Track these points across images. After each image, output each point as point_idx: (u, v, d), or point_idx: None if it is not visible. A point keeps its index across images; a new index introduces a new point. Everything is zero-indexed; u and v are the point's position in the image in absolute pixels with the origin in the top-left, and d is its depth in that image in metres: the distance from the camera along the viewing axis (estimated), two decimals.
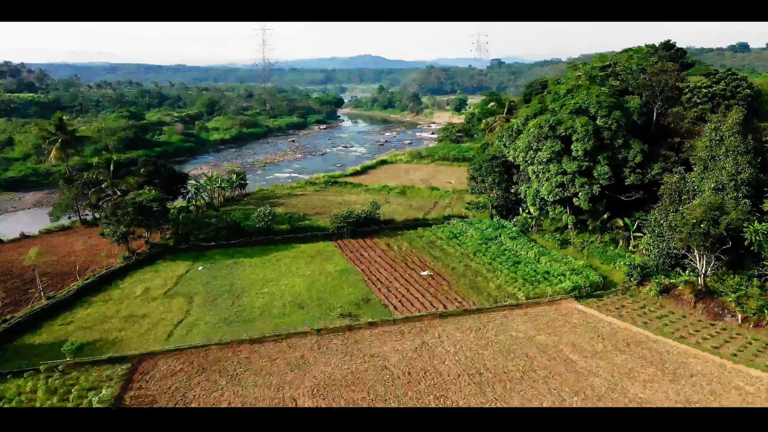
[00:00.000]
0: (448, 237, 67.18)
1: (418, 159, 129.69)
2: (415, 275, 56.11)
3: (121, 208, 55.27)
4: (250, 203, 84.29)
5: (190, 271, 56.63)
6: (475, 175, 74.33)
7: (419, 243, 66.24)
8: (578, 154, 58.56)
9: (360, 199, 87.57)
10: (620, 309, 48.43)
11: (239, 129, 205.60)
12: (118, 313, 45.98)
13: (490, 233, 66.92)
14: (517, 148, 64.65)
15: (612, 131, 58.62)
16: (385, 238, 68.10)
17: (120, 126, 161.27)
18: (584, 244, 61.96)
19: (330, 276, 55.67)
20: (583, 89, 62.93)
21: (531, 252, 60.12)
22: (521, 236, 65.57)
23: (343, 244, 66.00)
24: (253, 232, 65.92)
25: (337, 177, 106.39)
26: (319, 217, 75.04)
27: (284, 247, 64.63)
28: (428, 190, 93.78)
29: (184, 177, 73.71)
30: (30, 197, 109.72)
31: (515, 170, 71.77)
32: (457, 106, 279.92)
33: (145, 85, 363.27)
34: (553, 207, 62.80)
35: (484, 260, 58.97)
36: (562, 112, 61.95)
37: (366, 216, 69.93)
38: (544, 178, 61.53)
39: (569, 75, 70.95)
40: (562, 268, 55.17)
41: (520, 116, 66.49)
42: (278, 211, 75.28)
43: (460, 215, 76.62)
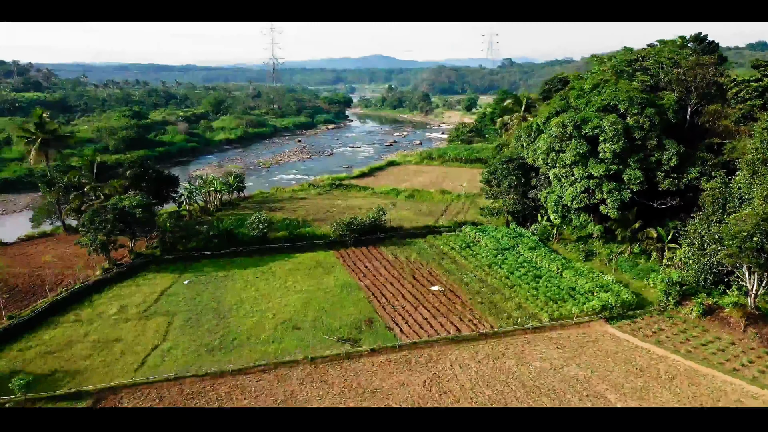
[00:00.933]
0: (461, 246, 61.36)
1: (428, 160, 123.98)
2: (425, 291, 50.36)
3: (100, 215, 50.05)
4: (248, 207, 78.98)
5: (174, 284, 51.25)
6: (490, 178, 68.41)
7: (429, 253, 60.46)
8: (606, 156, 52.52)
9: (366, 203, 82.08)
10: (658, 333, 42.37)
11: (245, 129, 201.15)
12: (87, 337, 40.60)
13: (506, 242, 61.00)
14: (537, 149, 58.69)
15: (644, 131, 52.50)
16: (392, 248, 62.37)
17: (121, 125, 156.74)
18: (612, 256, 55.89)
19: (330, 291, 50.10)
20: (611, 84, 56.88)
21: (553, 265, 54.13)
22: (541, 246, 59.57)
23: (346, 254, 60.39)
24: (248, 241, 60.49)
25: (342, 179, 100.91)
26: (321, 224, 69.58)
27: (281, 257, 59.11)
28: (439, 194, 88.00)
29: (175, 180, 68.49)
30: (24, 199, 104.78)
31: (534, 173, 65.78)
32: (468, 105, 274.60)
33: (153, 84, 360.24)
34: (576, 215, 56.80)
35: (500, 274, 53.10)
36: (587, 109, 55.94)
37: (371, 223, 64.31)
38: (568, 182, 55.54)
39: (594, 69, 64.85)
40: (589, 284, 49.15)
41: (541, 114, 60.54)
42: (277, 217, 69.93)
43: (473, 222, 70.76)
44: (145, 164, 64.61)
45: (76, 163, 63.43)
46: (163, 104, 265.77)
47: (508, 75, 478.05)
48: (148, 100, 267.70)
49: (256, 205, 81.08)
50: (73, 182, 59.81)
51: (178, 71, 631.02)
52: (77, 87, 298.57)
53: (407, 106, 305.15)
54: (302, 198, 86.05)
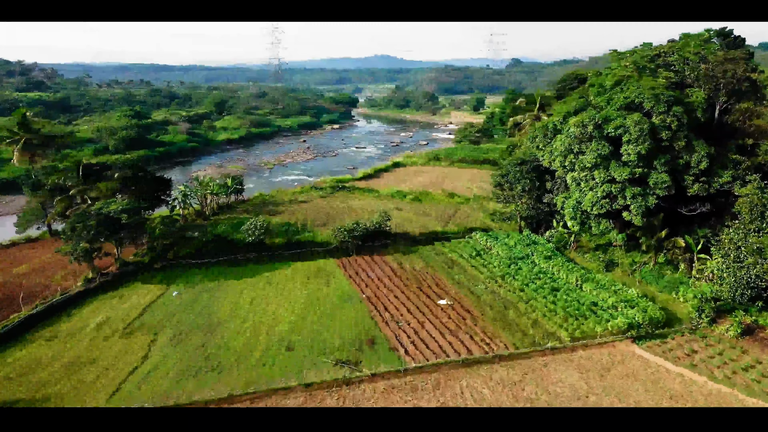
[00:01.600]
0: (470, 254, 57.26)
1: (434, 161, 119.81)
2: (432, 304, 46.31)
3: (82, 220, 46.28)
4: (247, 211, 75.12)
5: (163, 296, 47.43)
6: (502, 181, 64.29)
7: (436, 261, 56.39)
8: (630, 159, 48.28)
9: (370, 206, 78.07)
10: (691, 356, 38.16)
11: (247, 129, 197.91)
12: (61, 357, 36.79)
13: (519, 251, 56.87)
14: (553, 150, 54.51)
15: (671, 131, 48.22)
16: (396, 255, 58.35)
17: (122, 125, 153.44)
18: (635, 267, 51.70)
19: (329, 303, 46.14)
20: (634, 81, 52.60)
21: (571, 276, 49.94)
22: (557, 255, 55.40)
23: (347, 262, 56.42)
24: (243, 247, 56.59)
25: (345, 181, 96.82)
26: (323, 228, 65.58)
27: (279, 264, 55.20)
28: (446, 197, 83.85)
29: (167, 182, 64.62)
30: (20, 201, 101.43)
31: (549, 176, 61.60)
32: (475, 105, 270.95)
33: (155, 84, 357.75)
34: (597, 221, 52.56)
35: (514, 285, 49.00)
36: (608, 108, 51.69)
37: (374, 228, 60.29)
38: (587, 187, 51.35)
39: (612, 65, 60.56)
40: (612, 298, 44.93)
41: (557, 113, 56.32)
42: (275, 222, 65.96)
43: (483, 228, 66.65)
44: (136, 166, 60.78)
45: (63, 165, 59.53)
46: (166, 104, 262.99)
47: (515, 75, 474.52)
48: (151, 100, 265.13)
49: (255, 208, 77.18)
50: (59, 185, 56.07)
51: (178, 71, 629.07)
52: (80, 87, 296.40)
53: (413, 106, 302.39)
54: (303, 201, 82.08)
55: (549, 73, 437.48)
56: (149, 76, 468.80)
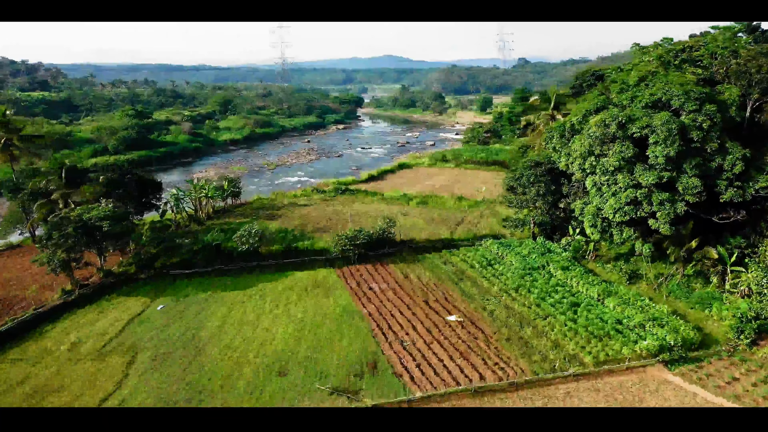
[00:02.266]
0: (481, 264, 53.15)
1: (441, 162, 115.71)
2: (440, 321, 42.26)
3: (59, 228, 42.59)
4: (243, 215, 71.41)
5: (147, 310, 43.66)
6: (514, 185, 60.09)
7: (445, 272, 52.33)
8: (657, 162, 43.99)
9: (374, 210, 74.17)
10: (733, 384, 33.92)
11: (251, 129, 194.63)
12: (24, 383, 33.05)
13: (534, 260, 52.74)
14: (571, 152, 50.28)
15: (703, 131, 43.92)
16: (402, 265, 54.33)
17: (122, 125, 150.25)
18: (661, 279, 47.45)
19: (327, 320, 42.18)
20: (661, 76, 48.34)
21: (592, 289, 45.74)
22: (575, 265, 51.21)
23: (349, 273, 52.46)
24: (237, 257, 52.75)
25: (348, 184, 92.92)
26: (323, 235, 61.72)
27: (274, 275, 51.32)
28: (454, 200, 79.73)
29: (157, 185, 60.92)
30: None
31: (565, 180, 57.37)
32: (482, 105, 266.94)
33: (161, 84, 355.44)
34: (619, 230, 48.26)
35: (530, 300, 44.88)
36: (633, 106, 47.47)
37: (378, 236, 56.32)
38: (609, 192, 47.07)
39: (635, 60, 56.24)
40: (639, 315, 40.69)
41: (576, 112, 52.03)
42: (273, 227, 62.18)
43: (494, 234, 62.50)
44: (123, 168, 57.00)
45: (44, 167, 55.91)
46: (170, 104, 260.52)
47: (522, 75, 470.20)
48: (156, 100, 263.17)
49: (253, 212, 73.51)
50: (40, 189, 52.45)
51: (188, 71, 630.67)
52: (84, 86, 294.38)
53: (420, 106, 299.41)
54: (304, 204, 78.26)
55: (557, 72, 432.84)
56: (159, 76, 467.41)
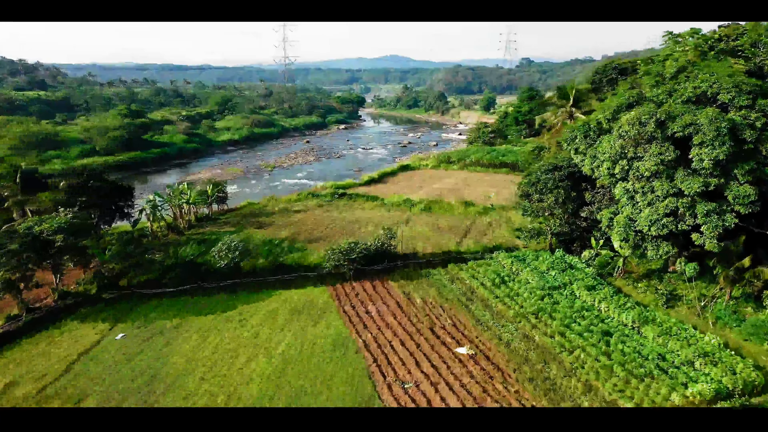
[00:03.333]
0: (494, 282, 46.66)
1: (446, 164, 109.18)
2: (449, 355, 35.78)
3: (2, 244, 36.33)
4: (230, 223, 65.10)
5: (104, 340, 37.35)
6: (530, 191, 53.58)
7: (452, 291, 45.84)
8: (703, 166, 37.47)
9: (374, 217, 67.79)
10: None
11: (250, 129, 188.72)
12: None
13: (554, 278, 46.27)
14: (598, 155, 43.75)
15: (757, 130, 37.37)
16: (404, 282, 47.88)
17: (114, 125, 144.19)
18: (705, 302, 40.84)
19: (315, 353, 35.75)
20: (704, 67, 41.79)
21: (625, 314, 39.17)
22: (602, 284, 44.67)
23: (343, 292, 46.06)
24: (215, 274, 46.40)
25: (347, 187, 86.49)
26: (317, 245, 55.40)
27: (258, 295, 44.98)
28: (461, 206, 73.17)
29: (129, 191, 54.62)
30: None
31: (588, 186, 50.91)
32: (486, 105, 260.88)
33: (162, 83, 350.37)
34: (654, 244, 41.65)
35: (553, 327, 38.33)
36: (672, 101, 40.96)
37: (377, 249, 49.93)
38: (644, 200, 40.50)
39: (667, 50, 49.71)
40: (685, 349, 34.12)
41: (603, 109, 45.39)
42: (258, 238, 55.82)
43: (506, 246, 55.98)
44: (88, 172, 50.68)
45: None
46: (170, 104, 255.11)
47: (527, 75, 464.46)
48: (156, 100, 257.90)
49: (241, 219, 67.17)
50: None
51: (193, 71, 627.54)
52: (82, 85, 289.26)
53: (423, 105, 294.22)
54: (298, 210, 71.85)
55: (562, 72, 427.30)
56: (163, 76, 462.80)
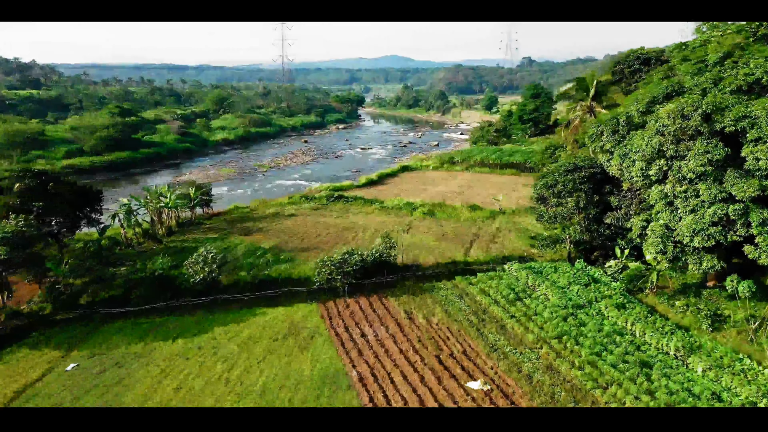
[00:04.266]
0: (508, 298, 40.86)
1: (448, 164, 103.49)
2: (459, 391, 29.90)
3: None
4: (214, 229, 59.37)
5: (51, 373, 31.51)
6: (546, 194, 47.81)
7: (460, 309, 39.96)
8: (759, 166, 31.68)
9: (372, 222, 62.14)
10: None
11: (246, 128, 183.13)
12: None
13: (577, 294, 40.47)
14: (629, 153, 37.93)
15: None
16: (405, 298, 42.04)
17: (102, 124, 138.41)
18: (754, 324, 34.98)
19: (300, 391, 29.85)
20: (755, 51, 35.99)
21: (665, 340, 33.30)
22: (633, 302, 38.83)
23: (335, 310, 40.22)
24: (190, 290, 40.54)
25: (343, 189, 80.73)
26: (309, 255, 49.74)
27: (237, 314, 39.13)
28: (467, 210, 67.39)
29: (95, 195, 48.76)
30: None
31: (613, 189, 45.16)
32: (487, 104, 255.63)
33: (159, 83, 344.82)
34: (697, 258, 35.80)
35: (581, 356, 32.50)
36: (717, 91, 35.19)
37: (374, 260, 44.16)
38: (687, 207, 34.69)
39: (704, 35, 43.93)
40: (745, 387, 28.29)
41: (635, 100, 39.58)
42: (242, 247, 50.05)
43: (519, 256, 50.22)
44: (45, 175, 44.77)
45: None
46: (167, 103, 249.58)
47: (528, 74, 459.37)
48: (151, 99, 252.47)
49: (227, 225, 61.48)
50: None
51: (191, 71, 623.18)
52: (76, 84, 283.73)
53: (423, 105, 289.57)
54: (290, 215, 66.10)
55: (564, 72, 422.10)
56: (163, 76, 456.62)
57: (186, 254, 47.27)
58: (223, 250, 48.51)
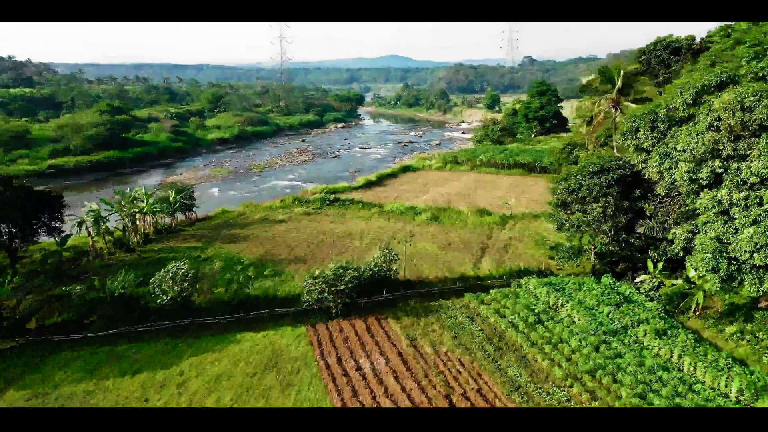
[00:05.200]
0: (527, 321, 35.12)
1: (453, 164, 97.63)
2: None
3: None
4: (197, 236, 53.63)
5: None
6: (568, 199, 42.05)
7: (473, 336, 34.15)
8: None
9: (371, 228, 56.53)
10: None
11: (242, 127, 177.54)
12: None
13: (608, 316, 34.75)
14: (671, 152, 32.19)
15: None
16: (408, 321, 36.27)
17: (91, 122, 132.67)
18: None
19: None
20: None
21: (724, 380, 27.53)
22: (675, 328, 33.10)
23: (327, 336, 34.45)
24: (158, 311, 34.75)
25: (340, 191, 74.94)
26: (298, 268, 44.16)
27: (211, 342, 33.30)
28: (474, 214, 61.63)
29: (57, 201, 42.87)
30: None
31: (647, 194, 39.39)
32: (489, 103, 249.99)
33: (153, 81, 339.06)
34: (756, 276, 30.01)
35: (620, 397, 26.78)
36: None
37: (372, 275, 38.41)
38: (748, 217, 28.92)
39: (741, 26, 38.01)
40: None
41: (679, 91, 33.77)
42: (223, 256, 44.29)
43: (536, 269, 44.51)
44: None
45: None
46: (161, 101, 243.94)
47: (529, 73, 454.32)
48: (146, 97, 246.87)
49: (211, 231, 55.70)
50: None
51: (191, 70, 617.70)
52: (70, 83, 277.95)
53: (424, 104, 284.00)
54: (280, 220, 60.31)
55: (566, 71, 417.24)
56: (163, 75, 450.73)
57: (161, 266, 41.67)
58: (201, 262, 42.83)
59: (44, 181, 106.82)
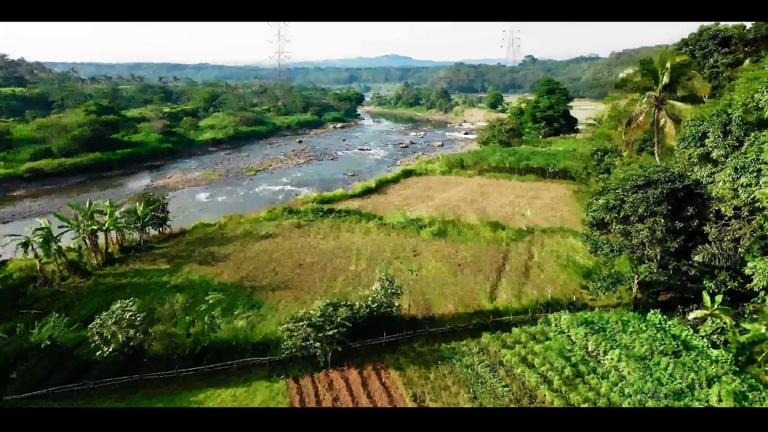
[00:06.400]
0: (562, 374, 27.95)
1: (458, 169, 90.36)
2: None
3: None
4: (169, 256, 46.45)
5: None
6: (608, 218, 34.78)
7: (495, 395, 26.95)
8: None
9: (369, 244, 49.49)
10: None
11: (236, 127, 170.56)
12: None
13: (665, 370, 27.58)
14: (748, 165, 25.05)
15: None
16: (414, 372, 29.04)
17: (76, 122, 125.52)
18: None
19: None
20: None
21: None
22: (756, 388, 25.96)
23: (311, 393, 27.22)
24: (99, 364, 27.54)
25: (335, 200, 67.76)
26: (282, 296, 37.02)
27: (165, 402, 26.22)
28: (487, 228, 54.46)
29: None
30: None
31: (704, 212, 32.21)
32: (492, 102, 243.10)
33: (150, 80, 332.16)
34: None
35: None
36: None
37: (370, 313, 31.23)
38: None
39: None
40: None
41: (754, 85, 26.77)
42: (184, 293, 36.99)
43: (565, 301, 37.35)
44: None
45: None
46: (155, 100, 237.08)
47: (530, 73, 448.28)
48: (140, 97, 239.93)
49: (185, 248, 48.54)
50: None
51: (190, 70, 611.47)
52: (63, 82, 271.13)
53: (424, 103, 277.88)
54: (266, 236, 53.13)
55: (567, 70, 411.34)
56: (162, 74, 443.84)
57: (121, 294, 34.63)
58: (166, 291, 35.64)
59: (19, 186, 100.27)
